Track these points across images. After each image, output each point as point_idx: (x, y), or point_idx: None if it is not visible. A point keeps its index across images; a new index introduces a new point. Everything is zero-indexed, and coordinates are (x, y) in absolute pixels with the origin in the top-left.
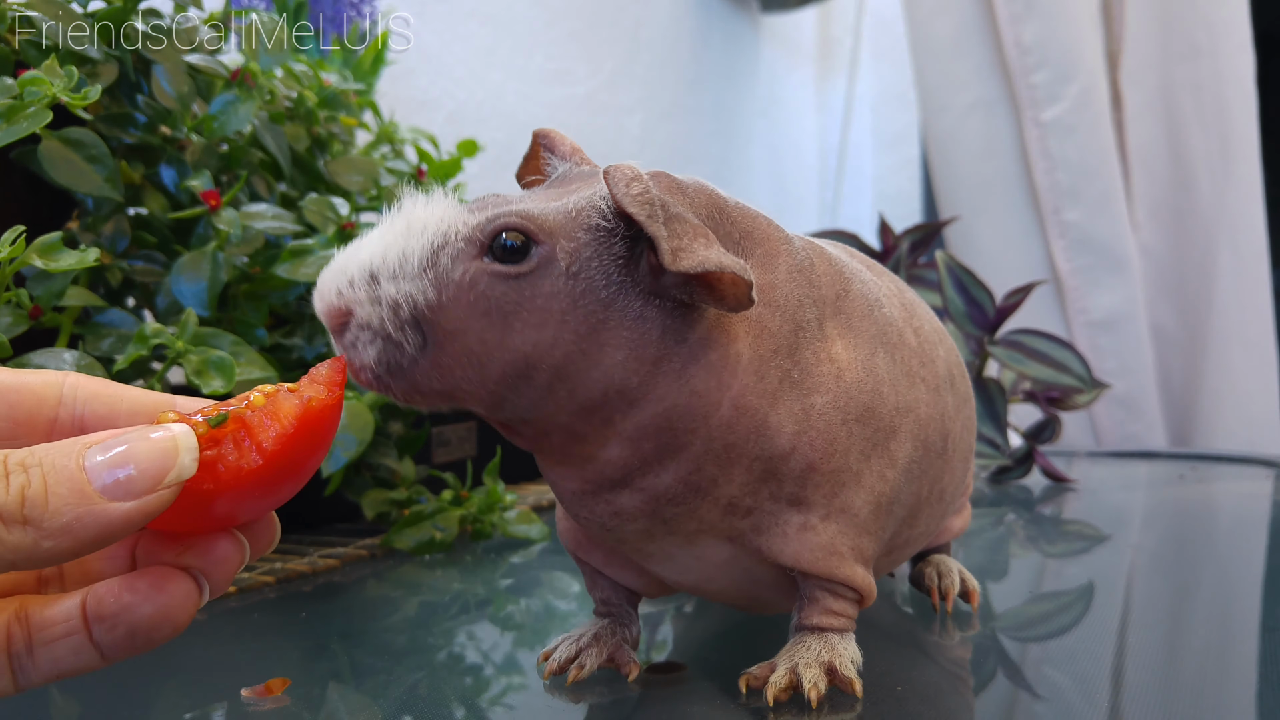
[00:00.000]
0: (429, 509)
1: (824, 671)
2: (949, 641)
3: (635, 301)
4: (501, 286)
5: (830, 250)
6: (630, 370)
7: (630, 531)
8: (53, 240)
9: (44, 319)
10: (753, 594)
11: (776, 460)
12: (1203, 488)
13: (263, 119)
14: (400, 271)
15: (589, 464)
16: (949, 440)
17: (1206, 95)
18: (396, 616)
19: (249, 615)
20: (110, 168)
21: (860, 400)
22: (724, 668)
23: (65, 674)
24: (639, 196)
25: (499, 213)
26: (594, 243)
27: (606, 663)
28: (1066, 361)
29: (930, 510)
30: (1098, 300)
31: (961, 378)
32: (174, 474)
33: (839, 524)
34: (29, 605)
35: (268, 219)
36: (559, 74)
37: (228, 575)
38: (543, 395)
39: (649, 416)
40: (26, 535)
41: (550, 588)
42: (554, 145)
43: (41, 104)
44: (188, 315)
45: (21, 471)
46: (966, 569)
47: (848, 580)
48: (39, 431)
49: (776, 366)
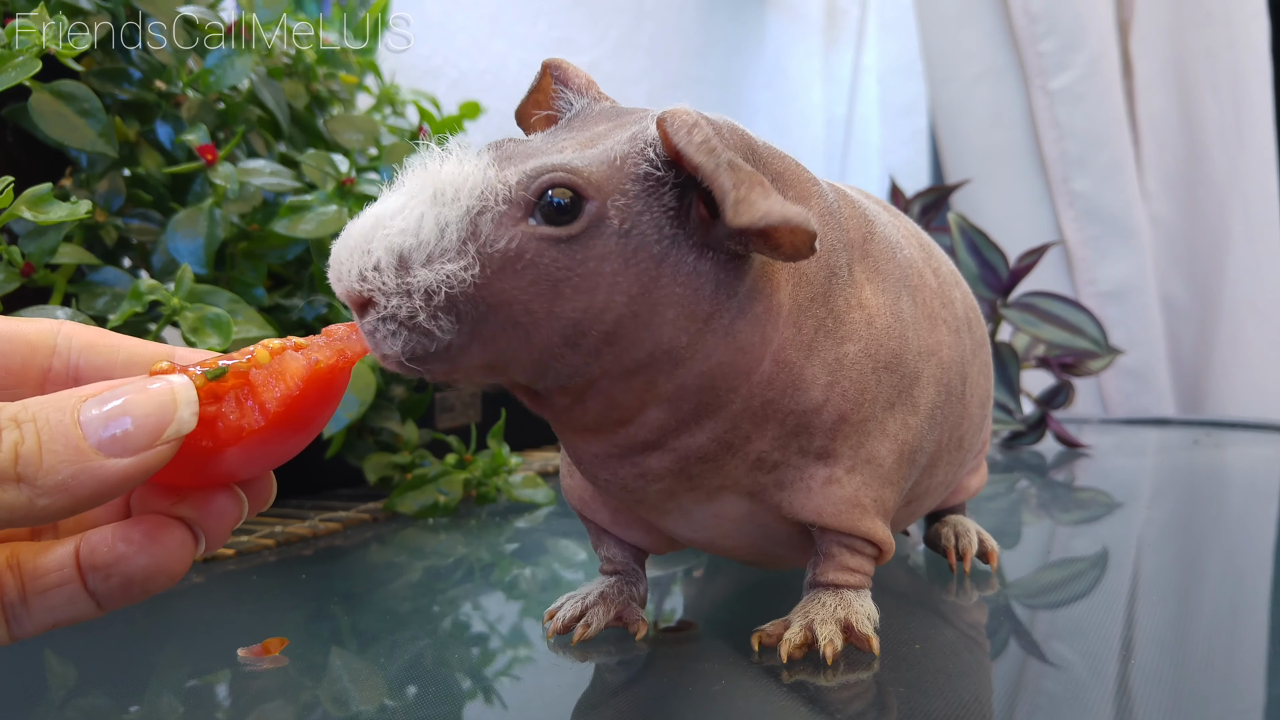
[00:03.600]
0: (432, 473)
1: (839, 629)
2: (966, 602)
3: (689, 256)
4: (552, 252)
5: (851, 193)
6: (680, 329)
7: (652, 492)
8: (42, 192)
9: (36, 276)
10: (766, 549)
11: (810, 414)
12: (1217, 453)
13: (260, 74)
14: (437, 251)
15: (623, 428)
16: (967, 384)
17: (1220, 62)
18: (400, 581)
19: (248, 577)
20: (104, 122)
21: (889, 347)
22: (736, 626)
23: (61, 623)
24: (703, 144)
25: (540, 166)
26: (644, 194)
27: (614, 621)
28: (1081, 325)
29: (949, 459)
30: (1107, 271)
31: (978, 321)
32: (172, 428)
33: (863, 475)
34: (21, 553)
35: (265, 175)
36: (563, 42)
37: (224, 529)
38: (588, 360)
39: (693, 376)
40: (21, 494)
41: (556, 552)
42: (567, 77)
43: (30, 53)
44: (183, 271)
45: (14, 427)
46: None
47: (869, 534)
48: (32, 382)
49: (812, 315)
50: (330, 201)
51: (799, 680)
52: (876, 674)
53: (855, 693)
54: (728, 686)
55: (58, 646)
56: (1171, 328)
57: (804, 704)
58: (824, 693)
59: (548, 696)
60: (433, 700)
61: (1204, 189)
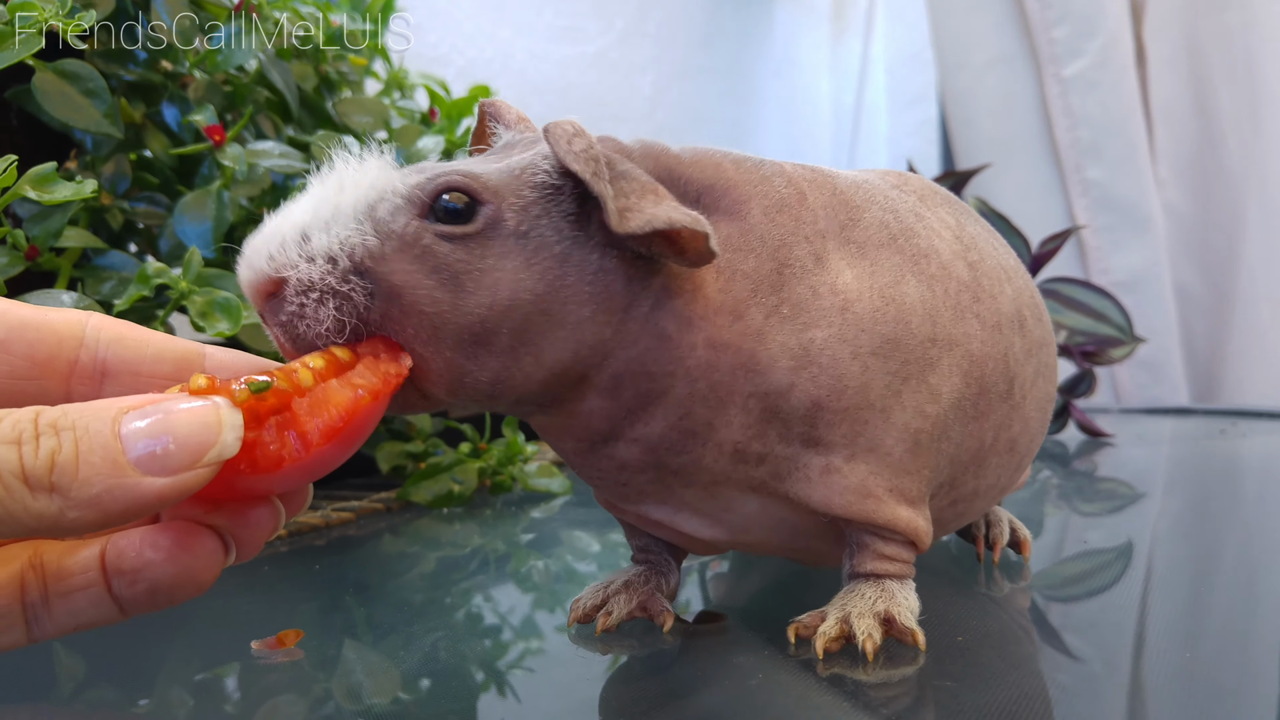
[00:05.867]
0: (446, 461)
1: (879, 621)
2: (998, 593)
3: (593, 255)
4: (448, 245)
5: (846, 179)
6: (600, 324)
7: (644, 484)
8: (47, 171)
9: (41, 260)
10: (799, 545)
11: (774, 398)
12: (1244, 443)
13: (269, 54)
14: (334, 223)
15: (571, 419)
16: (1016, 385)
17: (1235, 49)
18: (415, 571)
19: (259, 568)
20: (109, 103)
21: (878, 331)
22: (769, 618)
23: (82, 626)
24: (581, 153)
25: (439, 171)
26: (542, 200)
27: (638, 611)
28: (1106, 311)
29: (999, 460)
30: (1120, 260)
31: (1036, 321)
32: (214, 451)
33: (868, 464)
34: (45, 552)
35: (275, 156)
36: (569, 31)
37: (259, 540)
38: (507, 363)
39: (622, 364)
40: (52, 504)
41: (573, 544)
42: (499, 114)
43: (33, 29)
44: (191, 254)
45: (53, 434)
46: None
47: (889, 523)
48: (58, 374)
49: (759, 305)
50: None
51: (838, 674)
52: (921, 668)
53: (902, 688)
54: (765, 681)
55: (67, 639)
56: (1185, 317)
57: (847, 700)
58: (867, 689)
59: (573, 690)
60: (453, 695)
61: (1218, 177)
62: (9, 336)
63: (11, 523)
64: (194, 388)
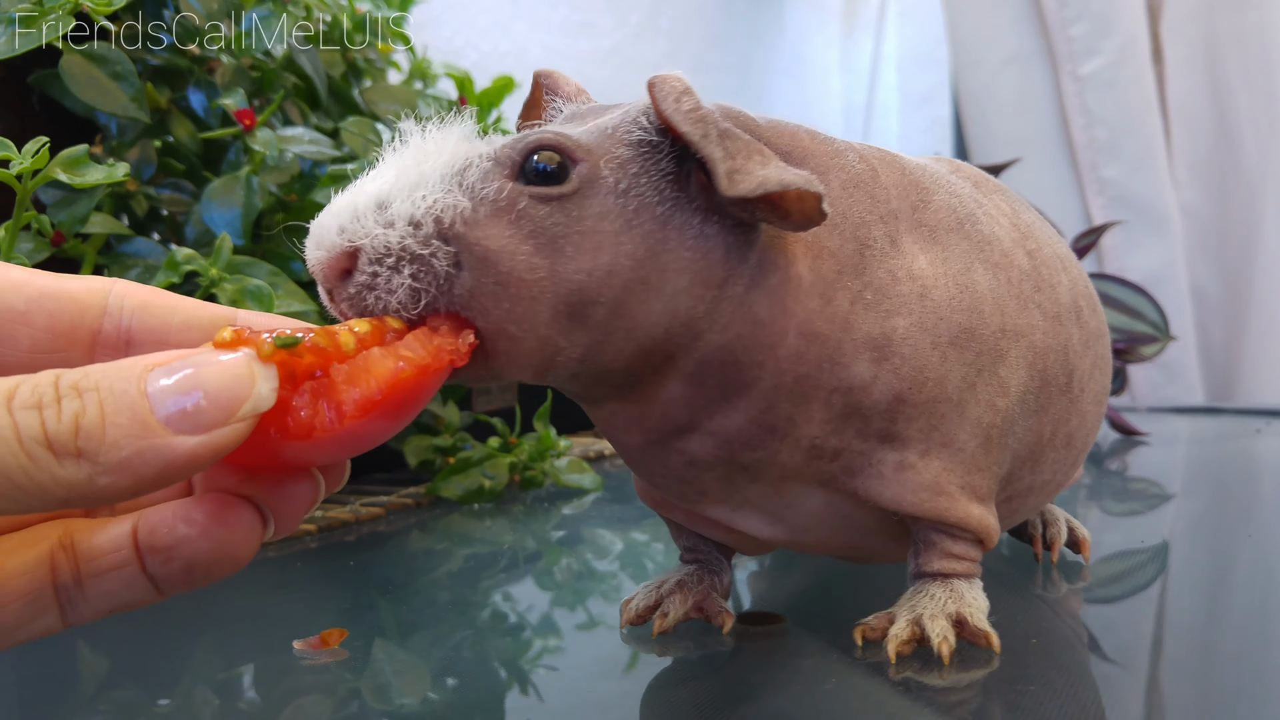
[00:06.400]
0: (476, 456)
1: (951, 623)
2: (1056, 593)
3: (694, 219)
4: (545, 208)
5: (910, 160)
6: (695, 297)
7: (709, 480)
8: (78, 153)
9: (67, 246)
10: (857, 543)
11: (857, 392)
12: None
13: (298, 39)
14: (417, 188)
15: (649, 406)
16: (1074, 377)
17: (1253, 48)
18: (446, 569)
19: (291, 565)
20: (136, 86)
21: (954, 320)
22: (828, 619)
23: (118, 609)
24: (690, 113)
25: (528, 133)
26: (639, 158)
27: (694, 612)
28: (1140, 308)
29: (1056, 456)
30: (1136, 260)
31: (1092, 312)
32: (249, 404)
33: (942, 460)
34: (75, 531)
35: (304, 142)
36: (584, 26)
37: (298, 512)
38: (599, 338)
39: (712, 349)
40: (80, 469)
41: (608, 542)
42: (557, 86)
43: (64, 10)
44: (222, 240)
45: (75, 396)
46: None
47: (961, 521)
48: (81, 344)
49: (844, 289)
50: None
51: (910, 678)
52: (995, 671)
53: (979, 692)
54: (839, 686)
55: (94, 640)
56: (1201, 317)
57: (924, 705)
58: (943, 693)
59: (630, 696)
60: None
61: (1235, 177)
62: (29, 308)
63: (41, 494)
64: (220, 340)
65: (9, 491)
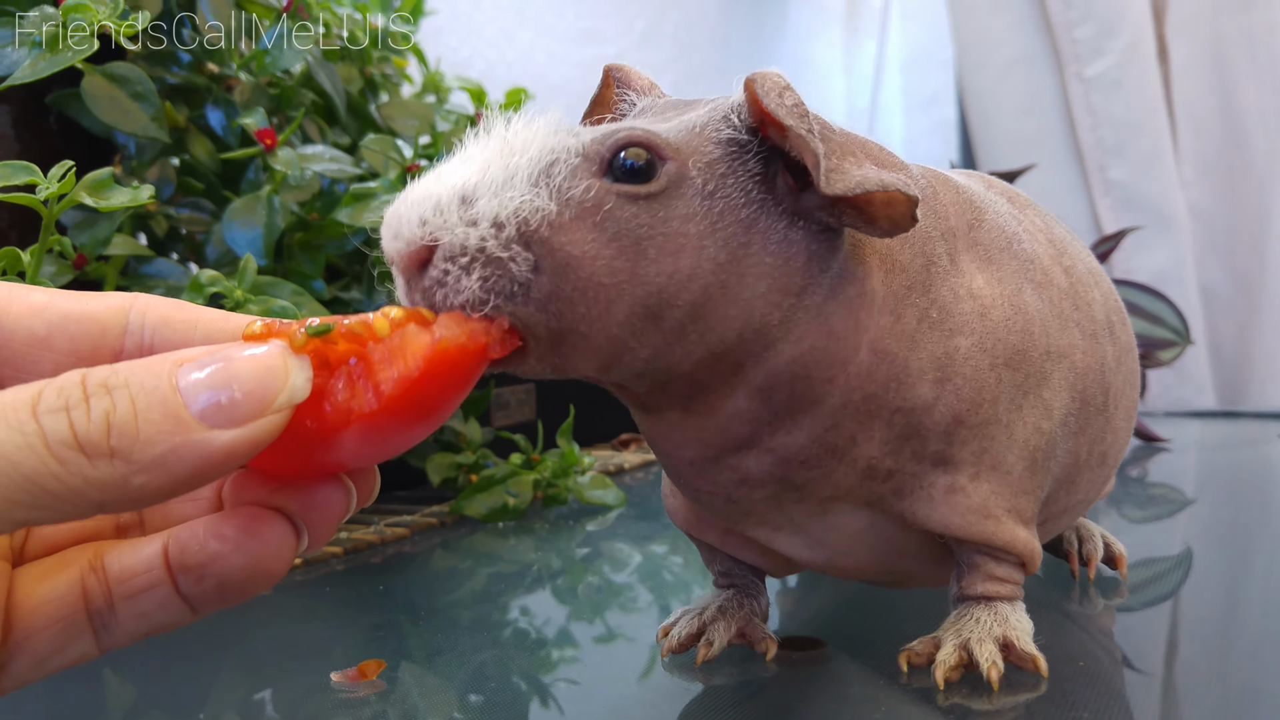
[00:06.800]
0: (500, 474)
1: (999, 647)
2: (1092, 610)
3: (779, 223)
4: (631, 208)
5: (958, 179)
6: (772, 304)
7: (757, 500)
8: (103, 176)
9: (89, 269)
10: (894, 566)
11: (919, 413)
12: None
13: (316, 56)
14: (505, 185)
15: (711, 419)
16: (1110, 395)
17: (1260, 47)
18: (477, 591)
19: (319, 590)
20: (156, 106)
21: (1009, 341)
22: (867, 642)
23: (154, 630)
24: (795, 108)
25: (616, 128)
26: (727, 158)
27: (737, 639)
28: (1161, 314)
29: (1091, 475)
30: (1145, 261)
31: (1123, 326)
32: (284, 395)
33: (991, 483)
34: (105, 553)
35: (325, 160)
36: (589, 33)
37: (330, 523)
38: (670, 340)
39: (784, 362)
40: (115, 469)
41: (636, 560)
42: (629, 80)
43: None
44: (246, 261)
45: (105, 394)
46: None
47: (1008, 545)
48: (104, 364)
49: (912, 305)
50: (395, 189)
51: (957, 704)
52: (1044, 695)
53: (1030, 718)
54: (890, 714)
55: (120, 669)
56: (1211, 318)
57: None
58: (995, 718)
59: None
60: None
61: (1243, 176)
62: (51, 332)
63: (75, 499)
64: (250, 333)
65: (41, 499)
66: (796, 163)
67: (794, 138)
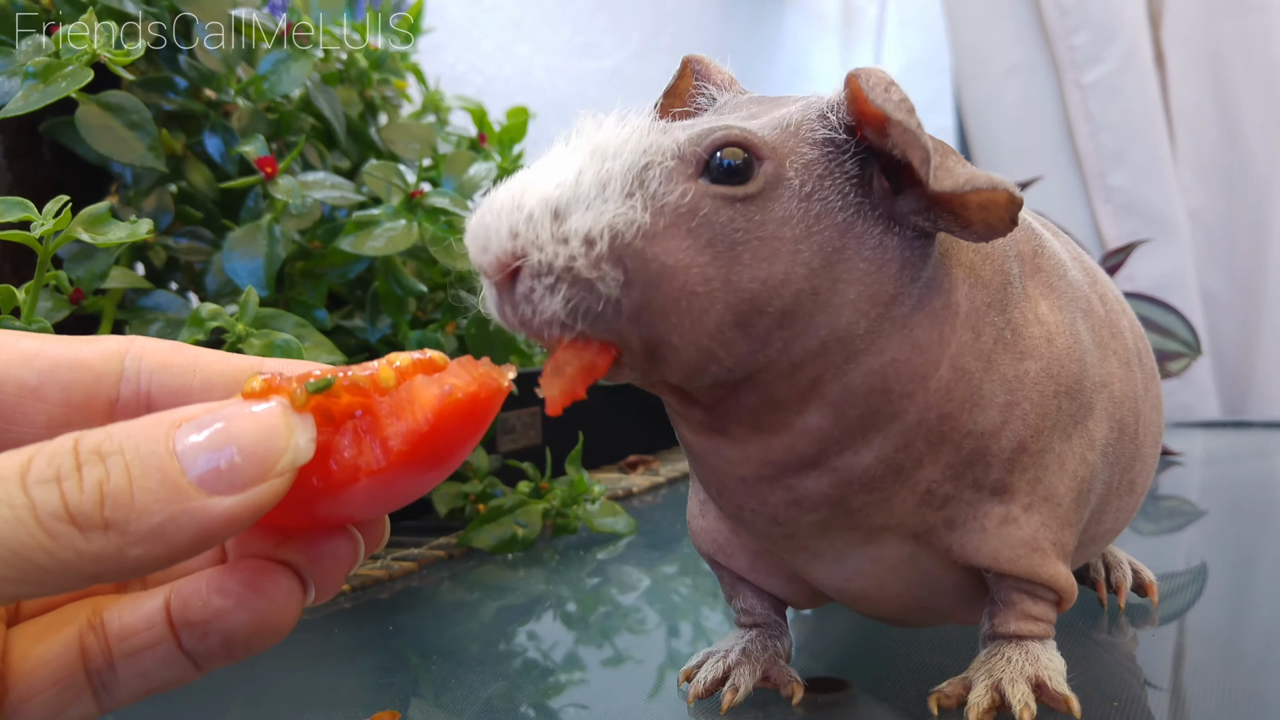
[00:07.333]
0: (508, 503)
1: (1031, 687)
2: (1121, 638)
3: (875, 228)
4: (728, 211)
5: None
6: (860, 312)
7: (804, 524)
8: (100, 211)
9: (86, 303)
10: (926, 603)
11: (986, 438)
12: None
13: (315, 81)
14: (598, 198)
15: (779, 435)
16: (1140, 422)
17: (1256, 52)
18: (484, 625)
19: (329, 631)
20: (153, 135)
21: (1070, 370)
22: (894, 681)
23: (156, 689)
24: (903, 103)
25: (709, 127)
26: (824, 159)
27: (761, 682)
28: (1172, 327)
29: (1120, 504)
30: (1145, 267)
31: (1147, 353)
32: (287, 458)
33: (1041, 515)
34: (104, 610)
35: (326, 187)
36: (586, 46)
37: (338, 575)
38: (756, 348)
39: (863, 375)
40: (109, 541)
41: (647, 590)
42: (708, 74)
43: (81, 62)
44: (248, 294)
45: (99, 461)
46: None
47: (1050, 580)
48: (99, 413)
49: (991, 323)
50: (399, 216)
51: None
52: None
53: None
54: None
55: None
56: (1213, 323)
57: None
58: None
59: None
60: None
61: (1242, 180)
62: (41, 382)
63: (67, 573)
64: (250, 391)
65: (31, 574)
66: (893, 165)
67: (902, 133)
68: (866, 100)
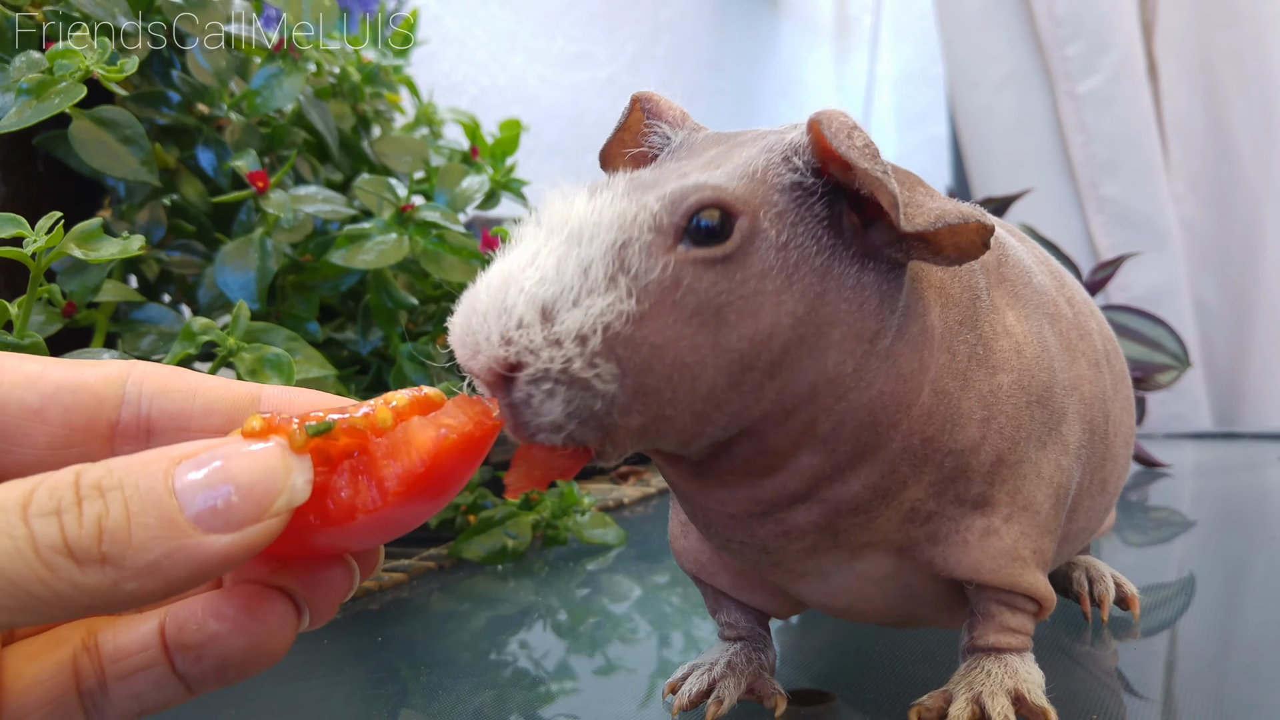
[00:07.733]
0: (498, 515)
1: (1010, 700)
2: (1103, 650)
3: (851, 267)
4: (710, 275)
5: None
6: (847, 351)
7: (792, 551)
8: (92, 228)
9: (79, 317)
10: (910, 612)
11: (966, 454)
12: None
13: (308, 95)
14: (584, 290)
15: (770, 478)
16: (1110, 422)
17: (1247, 62)
18: (474, 635)
19: (317, 642)
20: (146, 149)
21: (1040, 379)
22: (878, 695)
23: (147, 711)
24: (866, 149)
25: (680, 189)
26: (794, 205)
27: (746, 694)
28: (1160, 339)
29: (1091, 503)
30: (1138, 276)
31: (1116, 354)
32: (283, 499)
33: (1021, 524)
34: (99, 632)
35: (318, 201)
36: (580, 57)
37: (332, 601)
38: (749, 403)
39: (853, 411)
40: (105, 575)
41: (640, 600)
42: (659, 111)
43: (74, 78)
44: (239, 308)
45: (98, 496)
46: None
47: (1030, 590)
48: (99, 436)
49: (964, 341)
50: (390, 229)
51: None
52: None
53: None
54: None
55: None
56: (1206, 333)
57: None
58: None
59: None
60: None
61: (1234, 190)
62: (44, 404)
63: (63, 604)
64: (249, 430)
65: (27, 604)
66: (860, 199)
67: (869, 180)
68: (830, 148)
